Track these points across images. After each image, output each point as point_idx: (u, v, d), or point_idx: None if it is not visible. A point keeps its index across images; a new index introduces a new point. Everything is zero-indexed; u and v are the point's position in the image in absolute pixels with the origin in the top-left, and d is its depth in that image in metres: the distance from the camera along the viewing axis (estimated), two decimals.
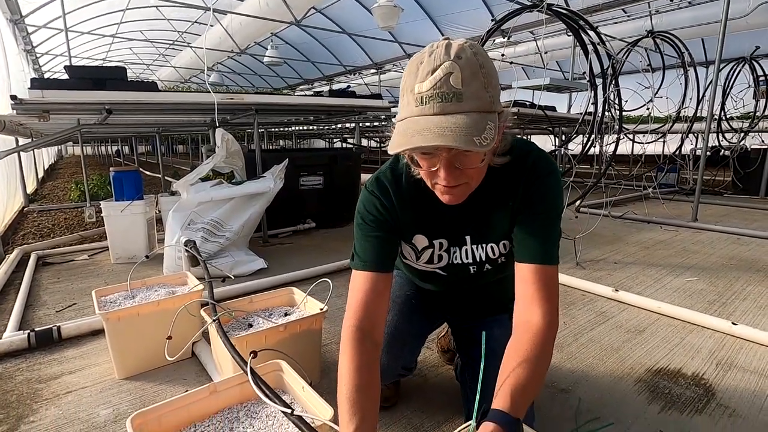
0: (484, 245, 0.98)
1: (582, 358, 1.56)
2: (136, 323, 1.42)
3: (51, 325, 1.68)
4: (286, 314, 1.47)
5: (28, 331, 1.64)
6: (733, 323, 1.72)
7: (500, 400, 0.69)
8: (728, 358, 1.55)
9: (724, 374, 1.45)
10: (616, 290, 2.10)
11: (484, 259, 1.00)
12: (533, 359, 0.75)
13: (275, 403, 0.84)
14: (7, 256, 2.76)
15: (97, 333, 1.74)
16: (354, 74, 11.76)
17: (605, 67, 2.86)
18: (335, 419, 0.85)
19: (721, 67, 3.63)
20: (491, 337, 1.10)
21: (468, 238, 0.99)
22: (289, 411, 0.81)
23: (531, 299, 0.83)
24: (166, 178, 5.87)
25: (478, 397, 0.66)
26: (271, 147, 8.63)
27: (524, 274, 0.85)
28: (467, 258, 1.01)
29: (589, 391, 1.36)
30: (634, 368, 1.49)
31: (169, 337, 1.33)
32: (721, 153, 5.61)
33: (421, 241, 1.00)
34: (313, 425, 0.81)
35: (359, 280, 0.89)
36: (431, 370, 1.49)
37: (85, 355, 1.60)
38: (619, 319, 1.89)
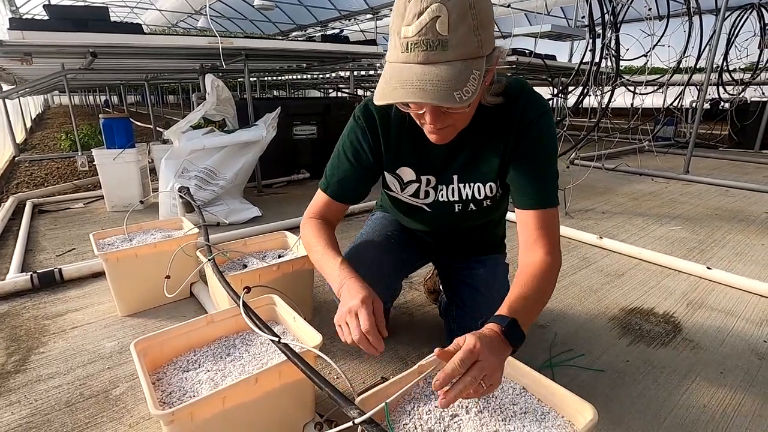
0: (471, 184, 1.01)
1: (561, 299, 1.64)
2: (134, 264, 1.48)
3: (52, 268, 1.74)
4: (279, 256, 1.53)
5: (31, 273, 1.70)
6: (707, 267, 1.80)
7: (500, 310, 0.75)
8: (699, 299, 1.64)
9: (693, 313, 1.54)
10: (600, 237, 2.17)
11: (469, 198, 1.03)
12: (533, 286, 0.80)
13: (263, 332, 0.89)
14: (2, 204, 2.79)
15: (98, 275, 1.80)
16: (349, 20, 11.23)
17: (604, 12, 2.75)
18: (323, 347, 0.92)
19: (727, 15, 3.50)
20: (476, 276, 1.17)
21: (455, 177, 1.01)
22: (276, 339, 0.87)
23: (533, 243, 0.88)
24: (157, 128, 5.78)
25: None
26: (263, 96, 8.41)
27: (525, 219, 0.90)
28: (453, 196, 1.03)
29: (565, 328, 1.45)
30: (609, 308, 1.58)
31: (168, 277, 1.39)
32: (721, 106, 5.52)
33: (407, 173, 1.02)
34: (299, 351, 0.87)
35: (321, 197, 1.05)
36: (417, 309, 1.58)
37: (88, 295, 1.67)
38: (600, 264, 1.97)
